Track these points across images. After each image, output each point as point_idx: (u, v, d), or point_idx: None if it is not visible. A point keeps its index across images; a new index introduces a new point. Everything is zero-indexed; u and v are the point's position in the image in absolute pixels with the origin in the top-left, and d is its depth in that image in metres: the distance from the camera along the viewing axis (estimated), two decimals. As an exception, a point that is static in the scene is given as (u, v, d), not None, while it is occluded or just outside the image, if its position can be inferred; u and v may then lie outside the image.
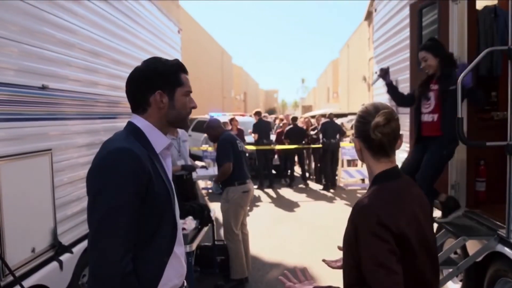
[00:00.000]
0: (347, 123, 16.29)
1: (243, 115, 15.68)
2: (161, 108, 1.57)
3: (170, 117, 1.59)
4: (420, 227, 1.49)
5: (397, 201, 1.47)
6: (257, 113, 11.32)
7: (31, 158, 2.72)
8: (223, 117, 12.69)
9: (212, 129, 4.75)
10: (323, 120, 11.34)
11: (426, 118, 3.60)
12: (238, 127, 10.80)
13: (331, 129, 10.61)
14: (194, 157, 10.01)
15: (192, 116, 13.39)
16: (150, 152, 1.52)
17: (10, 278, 2.46)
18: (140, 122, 1.57)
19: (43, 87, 2.89)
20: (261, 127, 10.92)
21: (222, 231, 4.80)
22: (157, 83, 1.56)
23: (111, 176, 1.40)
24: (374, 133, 1.48)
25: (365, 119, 1.52)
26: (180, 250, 1.60)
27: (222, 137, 4.68)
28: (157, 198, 1.48)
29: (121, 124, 1.74)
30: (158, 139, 1.57)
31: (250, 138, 11.24)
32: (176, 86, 1.58)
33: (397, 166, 1.57)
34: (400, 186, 1.53)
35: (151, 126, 1.57)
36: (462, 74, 2.95)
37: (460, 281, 3.90)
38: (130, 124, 1.58)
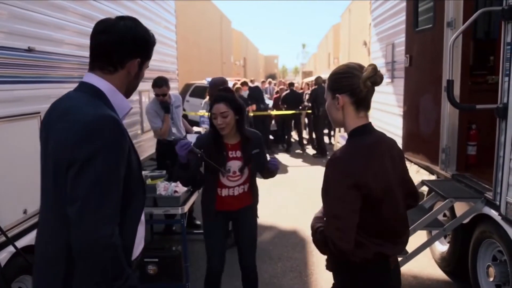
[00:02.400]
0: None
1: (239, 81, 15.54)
2: (130, 75, 1.52)
3: (131, 86, 1.56)
4: (387, 179, 1.62)
5: (366, 154, 1.60)
6: (245, 83, 10.98)
7: (19, 121, 2.72)
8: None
9: (216, 87, 4.42)
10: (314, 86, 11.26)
11: (233, 191, 2.92)
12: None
13: (321, 95, 10.55)
14: (192, 122, 9.99)
15: (190, 81, 13.23)
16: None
17: (2, 238, 2.51)
18: (102, 84, 1.47)
19: (29, 50, 2.85)
20: (254, 95, 10.80)
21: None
22: (141, 51, 1.52)
23: (99, 144, 1.32)
24: (365, 84, 1.59)
25: (352, 73, 1.62)
26: (143, 216, 1.59)
27: None
28: (133, 166, 1.45)
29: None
30: (121, 103, 1.51)
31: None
32: (148, 58, 1.56)
33: (370, 123, 1.68)
34: (372, 141, 1.65)
35: (115, 89, 1.49)
36: (454, 36, 2.90)
37: (448, 242, 3.99)
38: (90, 87, 1.46)
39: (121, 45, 1.47)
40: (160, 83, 4.66)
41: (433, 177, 4.47)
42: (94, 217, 1.29)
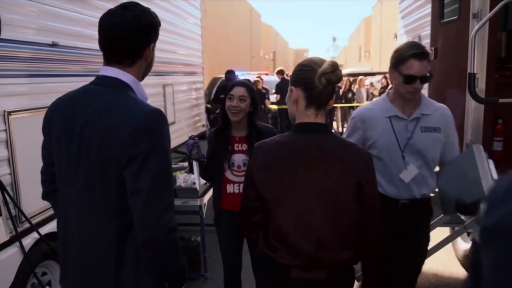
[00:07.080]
0: (377, 82, 15.93)
1: (267, 74, 15.51)
2: (147, 61, 1.52)
3: (146, 71, 1.57)
4: (293, 184, 1.53)
5: (273, 151, 1.58)
6: (280, 72, 11.14)
7: (42, 114, 2.83)
8: (246, 76, 12.61)
9: None
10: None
11: (238, 187, 2.69)
12: (264, 86, 10.77)
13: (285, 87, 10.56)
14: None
15: (218, 75, 13.29)
16: None
17: (26, 225, 2.63)
18: (126, 77, 1.46)
19: (53, 44, 2.96)
20: (284, 87, 10.82)
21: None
22: (153, 36, 1.52)
23: (157, 137, 1.38)
24: (319, 80, 1.48)
25: (310, 67, 1.53)
26: None
27: None
28: None
29: (146, 81, 1.65)
30: (142, 94, 1.52)
31: (274, 97, 11.21)
32: (156, 39, 1.55)
33: (316, 123, 1.57)
34: (296, 141, 1.57)
35: (136, 80, 1.50)
36: (476, 28, 2.82)
37: (471, 240, 3.89)
38: (116, 81, 1.45)
39: (135, 37, 1.45)
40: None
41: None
42: (159, 206, 1.35)
